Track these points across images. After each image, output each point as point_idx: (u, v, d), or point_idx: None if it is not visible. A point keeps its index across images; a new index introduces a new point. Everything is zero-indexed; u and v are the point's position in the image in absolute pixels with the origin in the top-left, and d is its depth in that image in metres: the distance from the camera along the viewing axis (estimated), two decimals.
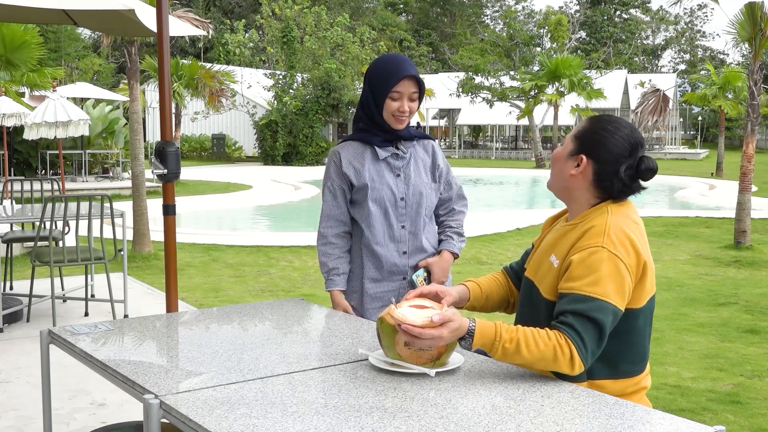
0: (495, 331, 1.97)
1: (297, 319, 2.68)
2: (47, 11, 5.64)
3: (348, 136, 2.95)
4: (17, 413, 3.99)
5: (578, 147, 2.20)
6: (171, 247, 3.86)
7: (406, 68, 2.78)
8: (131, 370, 2.07)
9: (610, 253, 2.03)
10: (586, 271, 2.02)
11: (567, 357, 1.94)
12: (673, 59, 71.91)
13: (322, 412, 1.75)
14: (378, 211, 2.84)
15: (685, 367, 5.03)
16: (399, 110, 2.79)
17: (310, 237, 10.56)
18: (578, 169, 2.18)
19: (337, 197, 2.89)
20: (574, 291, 2.01)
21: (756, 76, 10.09)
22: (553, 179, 2.28)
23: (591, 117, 2.27)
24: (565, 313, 2.00)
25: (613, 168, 2.15)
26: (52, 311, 5.63)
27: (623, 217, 2.14)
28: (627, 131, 2.18)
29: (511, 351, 1.95)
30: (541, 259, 2.23)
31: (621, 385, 2.12)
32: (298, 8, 32.32)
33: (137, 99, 9.14)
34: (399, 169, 2.88)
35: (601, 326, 1.98)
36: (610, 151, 2.16)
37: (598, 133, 2.18)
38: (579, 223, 2.17)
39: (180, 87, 23.43)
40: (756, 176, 13.78)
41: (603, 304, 1.98)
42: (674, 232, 11.83)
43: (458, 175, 12.56)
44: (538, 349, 1.94)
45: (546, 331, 1.98)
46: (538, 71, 32.38)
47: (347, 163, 2.87)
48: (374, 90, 2.81)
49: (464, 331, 1.98)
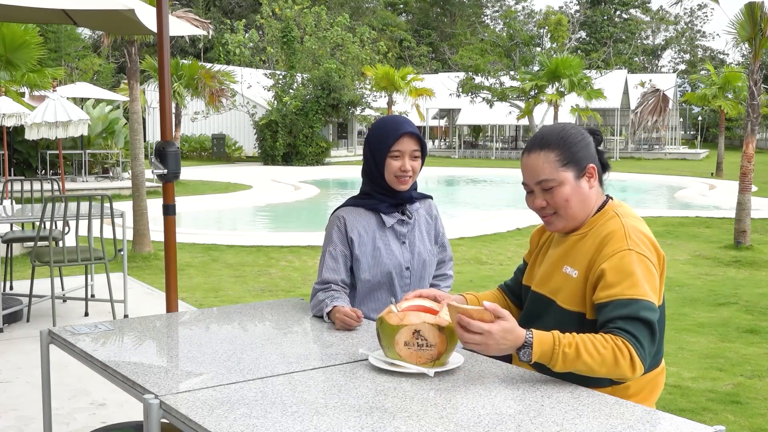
0: (553, 337, 1.93)
1: (297, 319, 2.68)
2: (47, 11, 5.64)
3: (352, 201, 2.82)
4: (17, 413, 3.99)
5: (576, 163, 2.16)
6: (171, 247, 3.85)
7: (405, 126, 2.69)
8: (131, 370, 2.07)
9: (639, 254, 2.03)
10: (621, 276, 2.01)
11: (627, 359, 1.92)
12: (673, 59, 71.93)
13: (322, 412, 1.75)
14: (384, 281, 2.73)
15: (685, 367, 5.03)
16: (401, 170, 2.67)
17: (309, 237, 10.56)
18: (593, 179, 2.19)
19: (338, 262, 2.73)
20: (617, 297, 1.99)
21: (756, 76, 10.09)
22: (579, 211, 2.17)
23: (544, 141, 2.17)
24: (613, 320, 1.97)
25: (597, 156, 2.23)
26: (52, 311, 5.63)
27: (632, 218, 2.16)
28: (569, 125, 2.24)
29: (572, 357, 1.91)
30: (551, 272, 2.21)
31: (641, 382, 2.12)
32: (298, 8, 32.32)
33: (137, 99, 9.14)
34: (404, 236, 2.77)
35: (652, 325, 1.97)
36: (589, 143, 2.21)
37: (570, 140, 2.17)
38: (589, 231, 2.15)
39: (180, 87, 23.44)
40: (756, 176, 13.76)
41: (647, 303, 1.98)
42: (674, 232, 11.83)
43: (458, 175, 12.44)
44: (599, 353, 1.91)
45: (602, 335, 1.95)
46: (538, 71, 32.37)
47: (352, 228, 2.74)
48: (374, 151, 2.70)
49: (518, 337, 1.91)
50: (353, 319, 2.49)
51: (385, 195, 2.75)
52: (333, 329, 2.51)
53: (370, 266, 2.73)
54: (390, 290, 2.75)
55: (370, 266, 2.73)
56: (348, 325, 2.50)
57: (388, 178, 2.71)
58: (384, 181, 2.72)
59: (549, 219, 2.19)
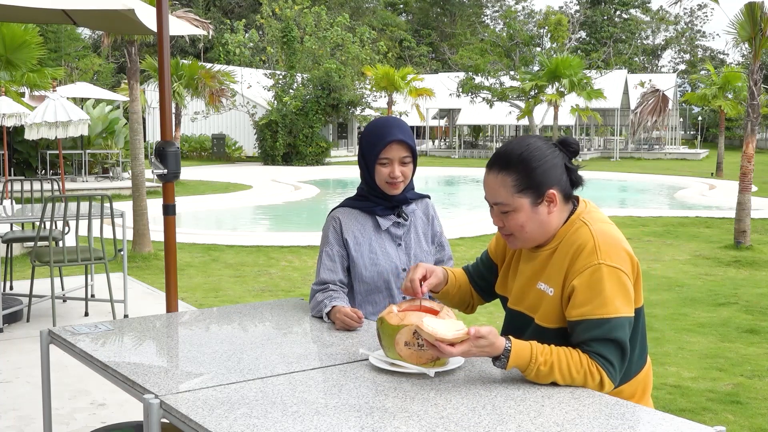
0: (531, 353, 1.95)
1: (297, 319, 2.68)
2: (47, 11, 5.64)
3: (348, 202, 2.82)
4: (17, 413, 3.99)
5: (535, 189, 2.07)
6: (171, 247, 3.86)
7: (394, 133, 2.64)
8: (131, 370, 2.07)
9: (609, 267, 2.00)
10: (591, 294, 1.99)
11: (596, 381, 1.96)
12: (673, 59, 71.93)
13: (322, 412, 1.75)
14: (381, 284, 2.74)
15: (685, 367, 5.03)
16: (390, 176, 2.66)
17: (310, 237, 10.56)
18: (552, 204, 2.09)
19: (336, 262, 2.73)
20: (586, 317, 1.99)
21: (756, 76, 10.09)
22: (535, 235, 2.10)
23: (503, 162, 2.09)
24: (586, 342, 1.98)
25: (565, 175, 2.12)
26: (52, 311, 5.63)
27: (601, 223, 2.10)
28: (534, 144, 2.12)
29: (544, 374, 1.95)
30: (525, 289, 2.19)
31: (632, 387, 2.13)
32: (298, 8, 32.33)
33: (137, 99, 9.14)
34: (400, 238, 2.77)
35: (622, 343, 1.98)
36: (553, 165, 2.09)
37: (531, 164, 2.07)
38: (558, 245, 2.11)
39: (180, 87, 23.44)
40: (756, 176, 13.77)
41: (617, 321, 1.98)
42: (674, 232, 11.83)
43: (458, 175, 12.44)
44: (570, 376, 1.95)
45: (578, 355, 1.97)
46: (538, 71, 32.39)
47: (347, 230, 2.74)
48: (365, 157, 2.70)
49: (497, 349, 1.94)
50: (354, 319, 2.48)
51: (379, 197, 2.75)
52: (333, 329, 2.51)
53: (367, 269, 2.73)
54: (387, 293, 2.75)
55: (367, 269, 2.73)
56: (348, 326, 2.49)
57: (379, 184, 2.71)
58: (375, 184, 2.72)
59: (508, 238, 2.18)
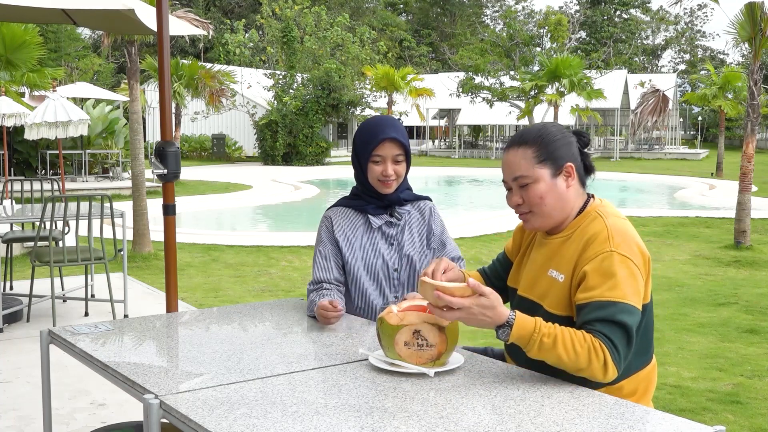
0: (535, 323, 1.95)
1: (297, 319, 2.68)
2: (47, 11, 5.64)
3: (341, 201, 2.83)
4: (17, 413, 3.99)
5: (553, 161, 2.15)
6: (171, 247, 3.86)
7: (386, 131, 2.65)
8: (131, 370, 2.07)
9: (621, 256, 2.02)
10: (602, 278, 2.00)
11: (601, 362, 1.92)
12: (673, 59, 71.91)
13: (322, 412, 1.75)
14: (371, 284, 2.73)
15: (685, 367, 5.03)
16: (383, 174, 2.67)
17: (310, 237, 10.55)
18: (570, 178, 2.16)
19: (329, 261, 2.75)
20: (595, 299, 1.98)
21: (756, 76, 10.09)
22: (554, 210, 2.15)
23: (522, 138, 2.18)
24: (590, 322, 1.97)
25: (580, 157, 2.21)
26: (52, 311, 5.63)
27: (616, 217, 2.14)
28: (551, 124, 2.23)
29: (548, 346, 1.92)
30: (536, 276, 2.21)
31: (635, 382, 2.12)
32: (298, 8, 32.33)
33: (137, 99, 9.13)
34: (392, 238, 2.76)
35: (629, 329, 1.96)
36: (570, 143, 2.20)
37: (548, 138, 2.16)
38: (572, 233, 2.14)
39: (180, 87, 23.44)
40: (756, 176, 13.77)
41: (625, 306, 1.97)
42: (674, 232, 11.83)
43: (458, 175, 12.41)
44: (574, 350, 1.92)
45: (582, 333, 1.95)
46: (538, 71, 32.37)
47: (338, 230, 2.76)
48: (358, 155, 2.71)
49: (500, 315, 1.93)
50: (329, 310, 2.47)
51: (372, 197, 2.75)
52: (333, 329, 2.51)
53: (358, 268, 2.73)
54: (380, 292, 2.74)
55: (358, 268, 2.73)
56: (327, 319, 2.48)
57: (372, 182, 2.71)
58: (369, 183, 2.73)
59: (525, 217, 2.20)
